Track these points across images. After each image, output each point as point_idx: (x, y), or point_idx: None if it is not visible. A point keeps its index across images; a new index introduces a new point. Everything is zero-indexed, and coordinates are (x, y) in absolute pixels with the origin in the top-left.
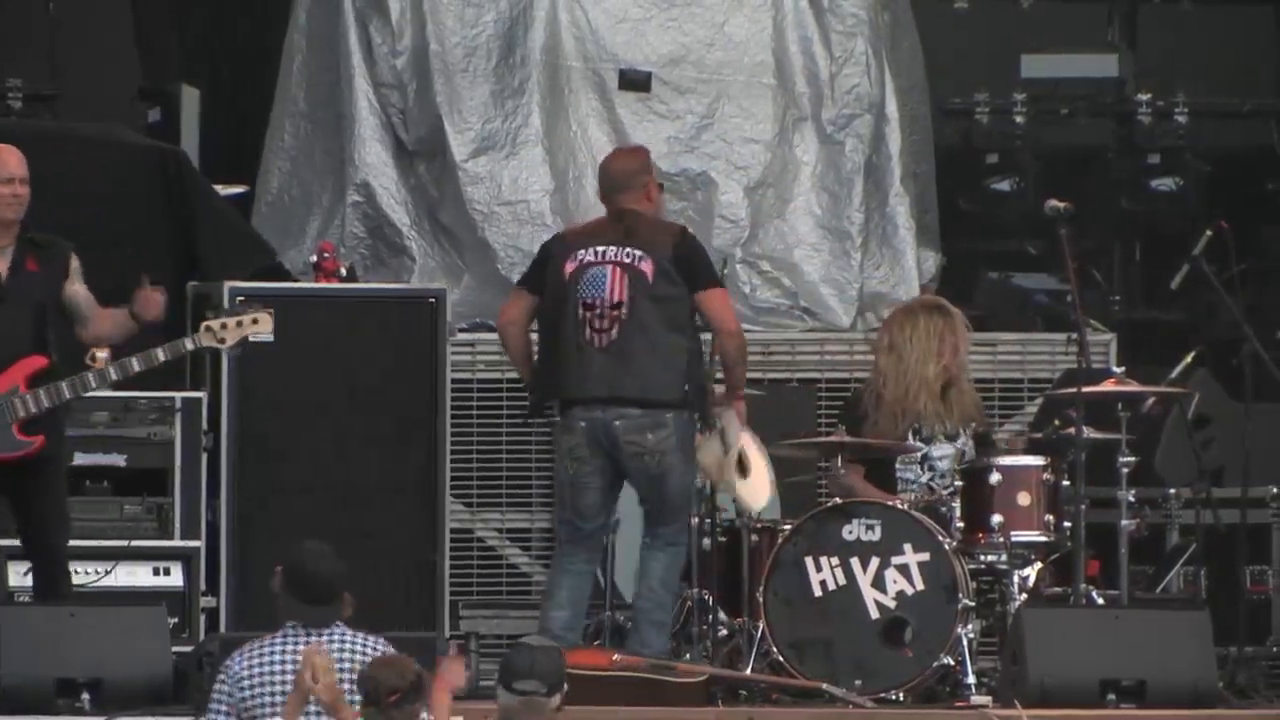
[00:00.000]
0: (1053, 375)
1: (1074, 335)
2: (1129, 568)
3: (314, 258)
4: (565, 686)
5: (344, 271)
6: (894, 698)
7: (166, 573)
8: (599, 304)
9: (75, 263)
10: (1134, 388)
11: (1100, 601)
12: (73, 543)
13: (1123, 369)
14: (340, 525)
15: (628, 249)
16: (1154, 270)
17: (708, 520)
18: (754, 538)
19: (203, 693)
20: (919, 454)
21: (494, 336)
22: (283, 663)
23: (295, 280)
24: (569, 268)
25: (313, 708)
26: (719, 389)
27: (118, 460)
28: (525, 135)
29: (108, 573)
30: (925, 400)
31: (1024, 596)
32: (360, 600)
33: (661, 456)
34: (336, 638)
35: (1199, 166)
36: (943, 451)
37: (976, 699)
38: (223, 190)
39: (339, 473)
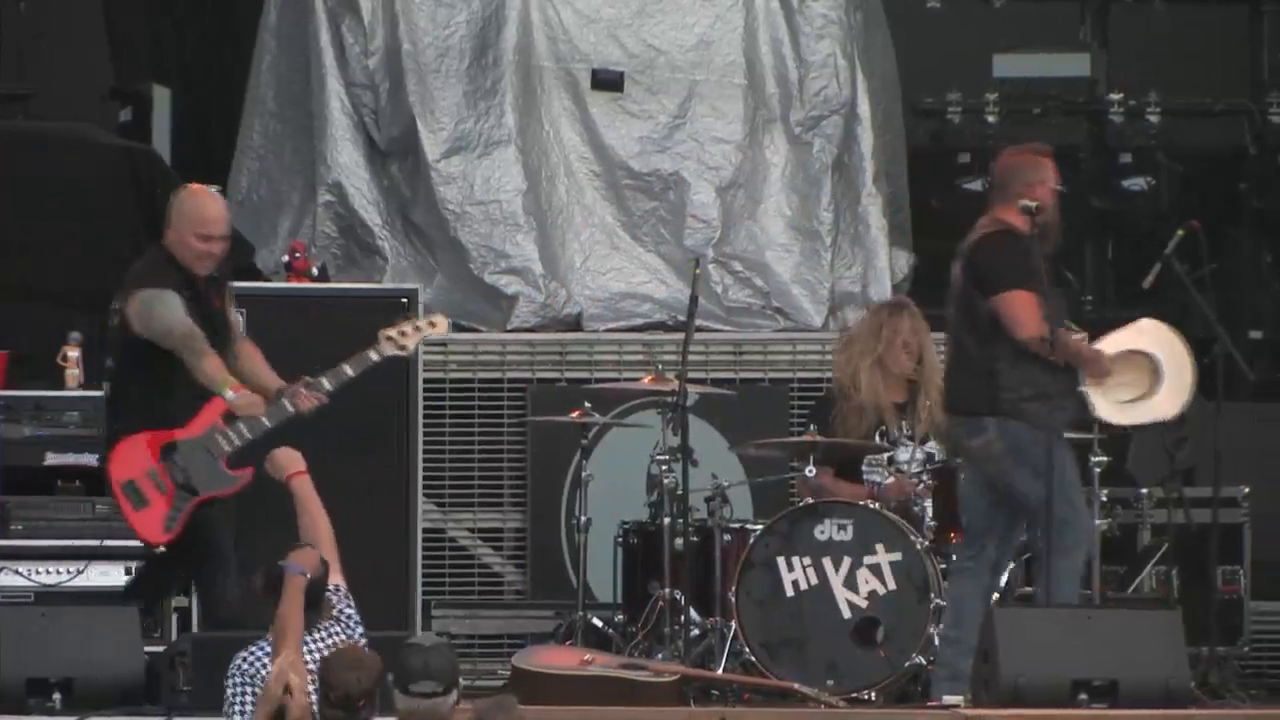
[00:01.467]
0: None
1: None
2: (1101, 567)
3: (285, 257)
4: (461, 682)
5: (315, 271)
6: (866, 697)
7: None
8: None
9: (230, 293)
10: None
11: (1072, 601)
12: (44, 542)
13: None
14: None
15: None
16: (1126, 269)
17: (679, 520)
18: (726, 537)
19: (175, 692)
20: (885, 456)
21: (466, 336)
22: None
23: (267, 280)
24: None
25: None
26: None
27: (90, 460)
28: (498, 135)
29: (80, 572)
30: (883, 401)
31: (996, 596)
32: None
33: (992, 463)
34: (328, 638)
35: (1171, 166)
36: (907, 455)
37: (948, 699)
38: None
39: (311, 473)
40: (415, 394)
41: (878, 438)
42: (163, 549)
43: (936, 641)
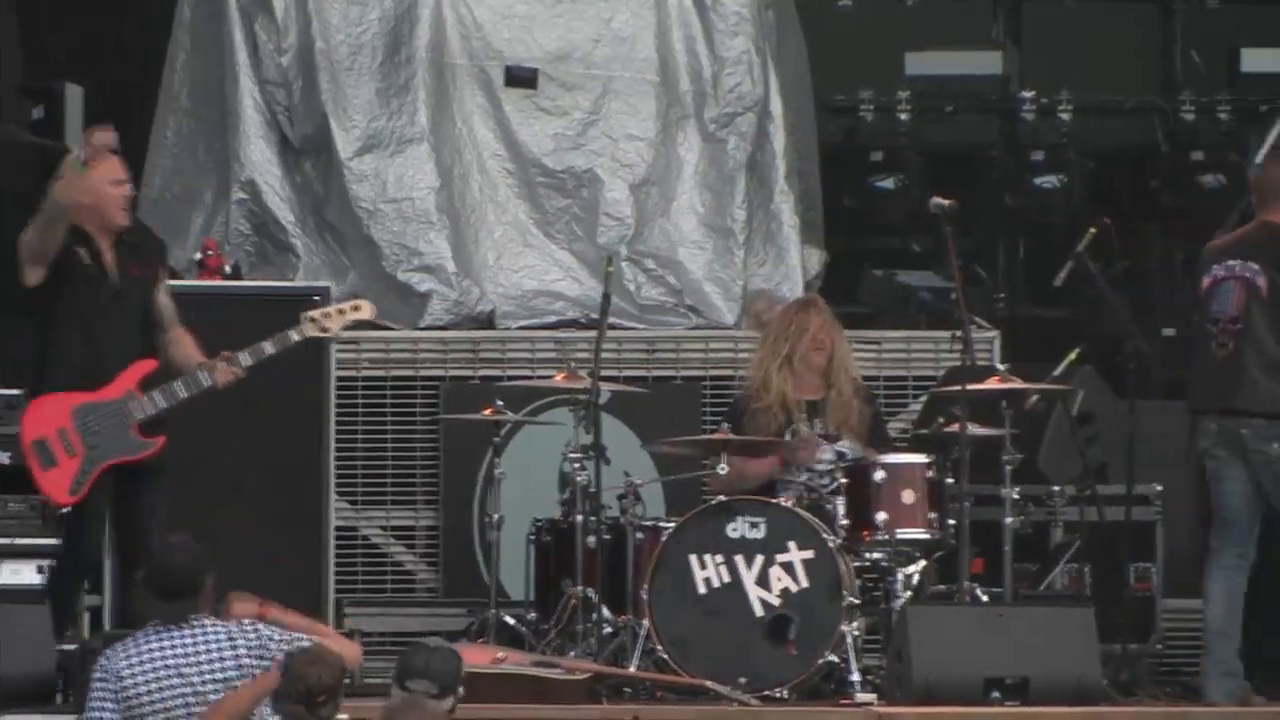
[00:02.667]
0: (937, 372)
1: (958, 332)
2: (1013, 565)
3: (198, 255)
4: (461, 691)
5: (229, 269)
6: (778, 695)
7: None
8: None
9: (164, 270)
10: (1018, 385)
11: (984, 599)
12: None
13: (1007, 366)
14: (224, 523)
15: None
16: (1038, 267)
17: (592, 518)
18: (638, 535)
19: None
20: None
21: (379, 334)
22: (163, 657)
23: (179, 278)
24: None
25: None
26: None
27: (1, 458)
28: (411, 133)
29: None
30: (796, 398)
31: (908, 594)
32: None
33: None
34: (199, 634)
35: (1083, 164)
36: (821, 453)
37: (861, 696)
38: None
39: (223, 471)
40: (328, 392)
41: (789, 436)
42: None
43: (848, 639)
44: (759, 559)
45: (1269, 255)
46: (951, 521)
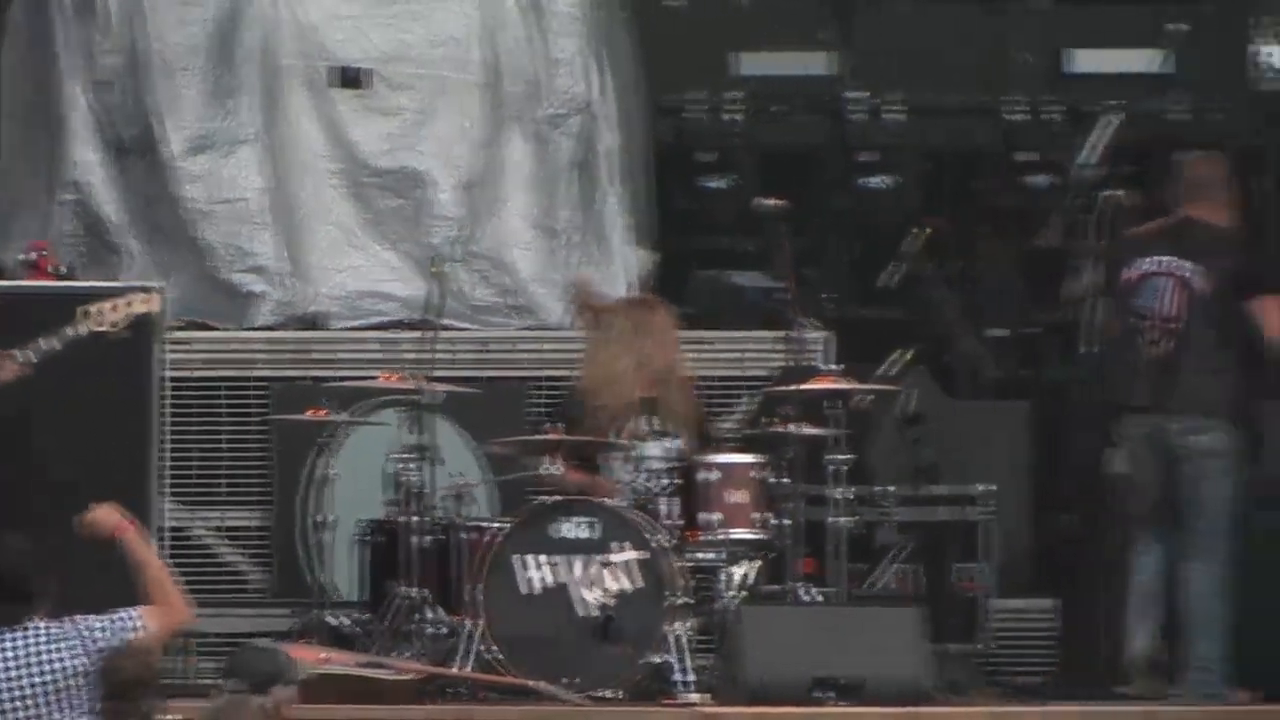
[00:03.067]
0: (768, 373)
1: (789, 333)
2: (844, 565)
3: (28, 256)
4: (288, 688)
5: (61, 270)
6: (607, 695)
7: None
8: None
9: None
10: (848, 385)
11: (814, 599)
12: None
13: (837, 366)
14: (50, 522)
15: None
16: (868, 268)
17: (421, 519)
18: (469, 535)
19: None
20: (630, 453)
21: (210, 335)
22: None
23: (10, 278)
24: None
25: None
26: None
27: None
28: (241, 133)
29: None
30: (629, 397)
31: (739, 594)
32: (66, 596)
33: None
34: (31, 637)
35: (914, 165)
36: (653, 451)
37: (690, 696)
38: None
39: (51, 469)
40: (151, 392)
41: (625, 436)
42: None
43: (677, 639)
44: (589, 559)
45: (1206, 255)
46: (783, 521)
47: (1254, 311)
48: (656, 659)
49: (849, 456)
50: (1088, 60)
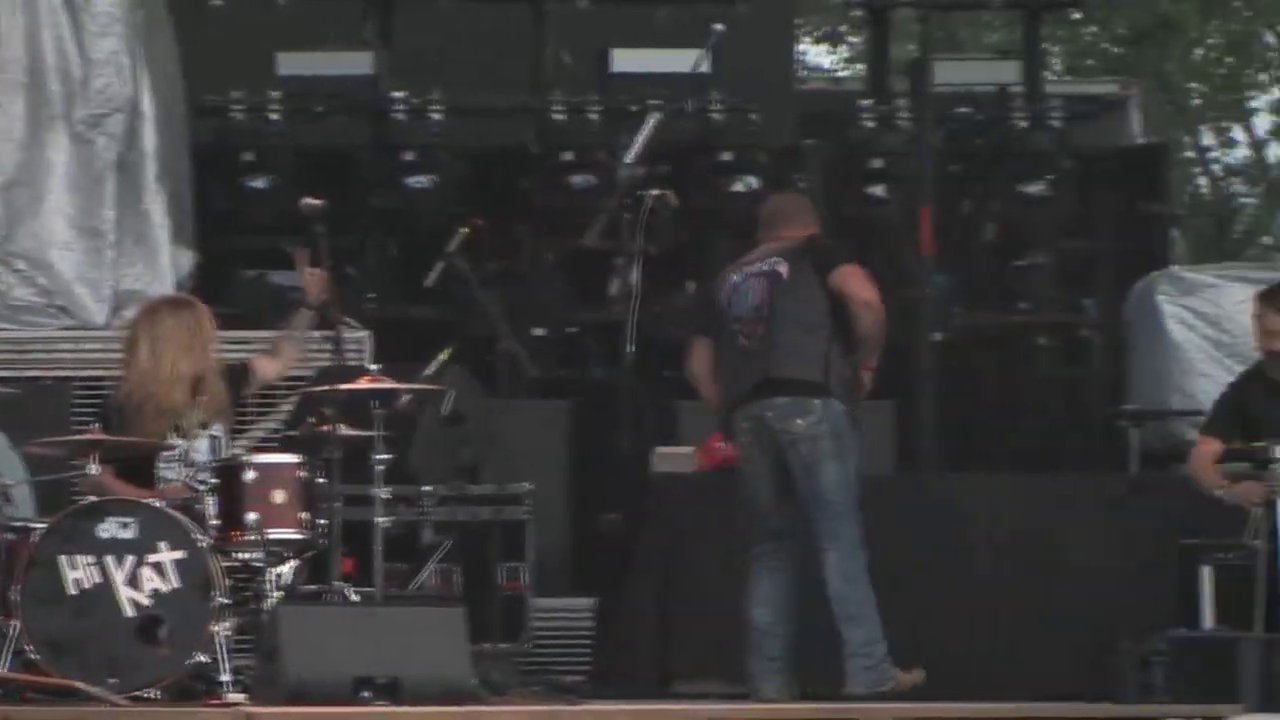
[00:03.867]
0: (308, 373)
1: (329, 333)
2: (384, 565)
3: None
4: None
5: None
6: (149, 695)
7: None
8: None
9: None
10: (389, 385)
11: (355, 599)
12: None
13: (378, 366)
14: None
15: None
16: (409, 267)
17: None
18: (9, 536)
19: None
20: (178, 451)
21: None
22: None
23: None
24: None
25: None
26: None
27: None
28: None
29: None
30: (180, 396)
31: (279, 594)
32: None
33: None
34: None
35: (454, 164)
36: (200, 447)
37: (231, 696)
38: None
39: None
40: None
41: (171, 434)
42: None
43: (219, 639)
44: (129, 559)
45: (793, 253)
46: (323, 521)
47: (836, 284)
48: (199, 659)
49: (390, 456)
50: (630, 60)
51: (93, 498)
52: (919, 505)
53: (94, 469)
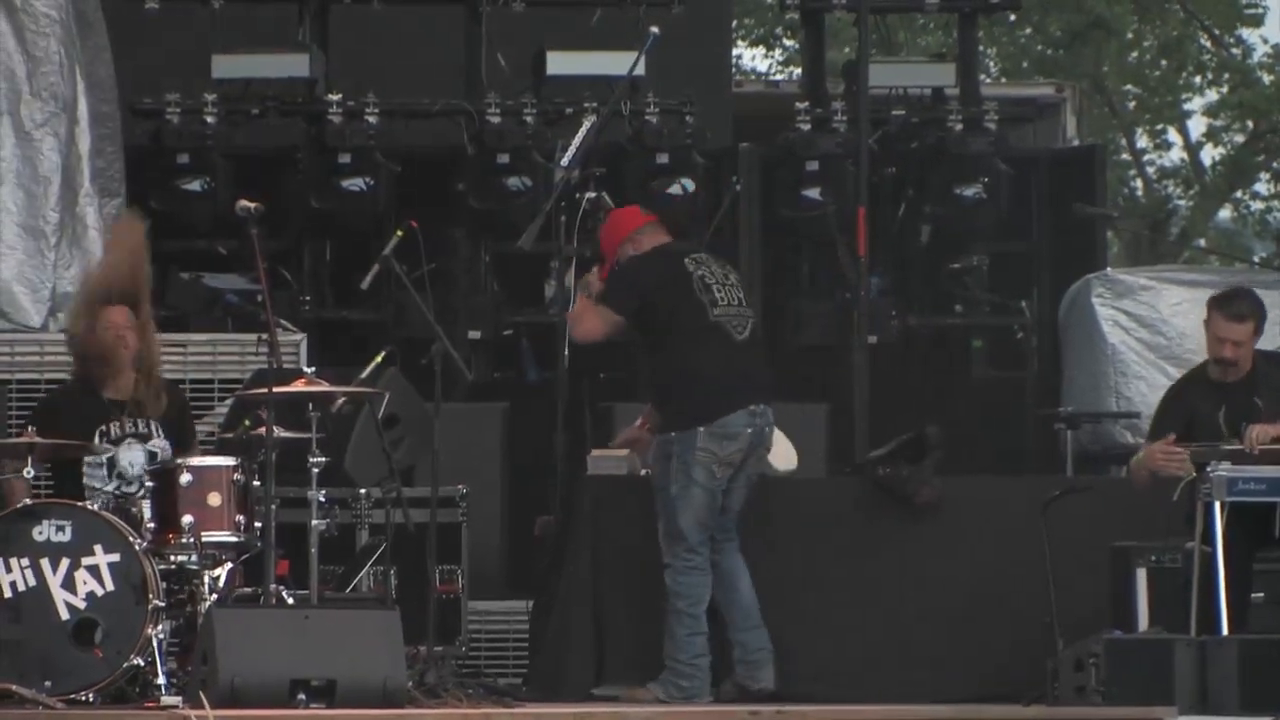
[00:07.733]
0: (243, 375)
1: (264, 335)
2: (319, 567)
3: None
4: None
5: None
6: (84, 699)
7: None
8: None
9: None
10: (324, 387)
11: (290, 601)
12: None
13: (313, 369)
14: None
15: None
16: (344, 270)
17: None
18: None
19: None
20: (105, 458)
21: None
22: None
23: None
24: None
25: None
26: None
27: None
28: None
29: None
30: (119, 398)
31: (214, 597)
32: None
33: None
34: None
35: (389, 166)
36: (132, 455)
37: (167, 699)
38: None
39: None
40: None
41: (99, 439)
42: None
43: (155, 642)
44: (65, 562)
45: None
46: (258, 524)
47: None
48: (135, 662)
49: (325, 459)
50: (566, 63)
51: (26, 501)
52: (851, 508)
53: (28, 471)
